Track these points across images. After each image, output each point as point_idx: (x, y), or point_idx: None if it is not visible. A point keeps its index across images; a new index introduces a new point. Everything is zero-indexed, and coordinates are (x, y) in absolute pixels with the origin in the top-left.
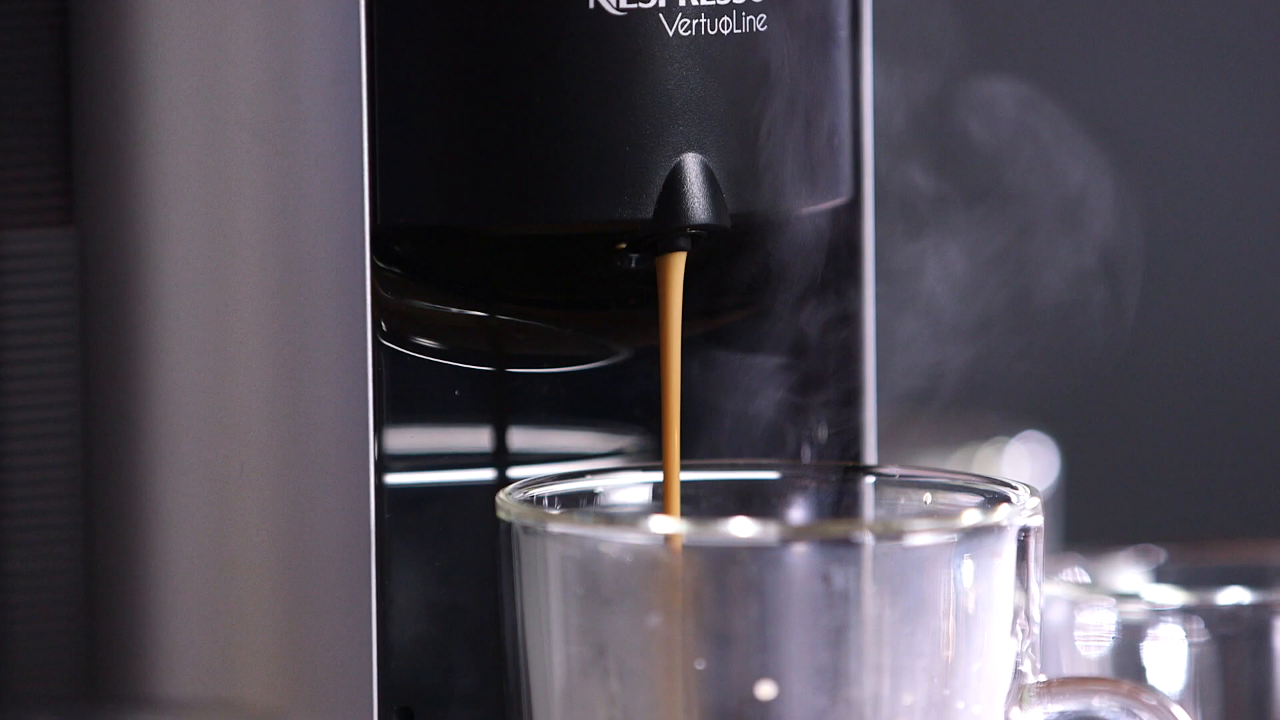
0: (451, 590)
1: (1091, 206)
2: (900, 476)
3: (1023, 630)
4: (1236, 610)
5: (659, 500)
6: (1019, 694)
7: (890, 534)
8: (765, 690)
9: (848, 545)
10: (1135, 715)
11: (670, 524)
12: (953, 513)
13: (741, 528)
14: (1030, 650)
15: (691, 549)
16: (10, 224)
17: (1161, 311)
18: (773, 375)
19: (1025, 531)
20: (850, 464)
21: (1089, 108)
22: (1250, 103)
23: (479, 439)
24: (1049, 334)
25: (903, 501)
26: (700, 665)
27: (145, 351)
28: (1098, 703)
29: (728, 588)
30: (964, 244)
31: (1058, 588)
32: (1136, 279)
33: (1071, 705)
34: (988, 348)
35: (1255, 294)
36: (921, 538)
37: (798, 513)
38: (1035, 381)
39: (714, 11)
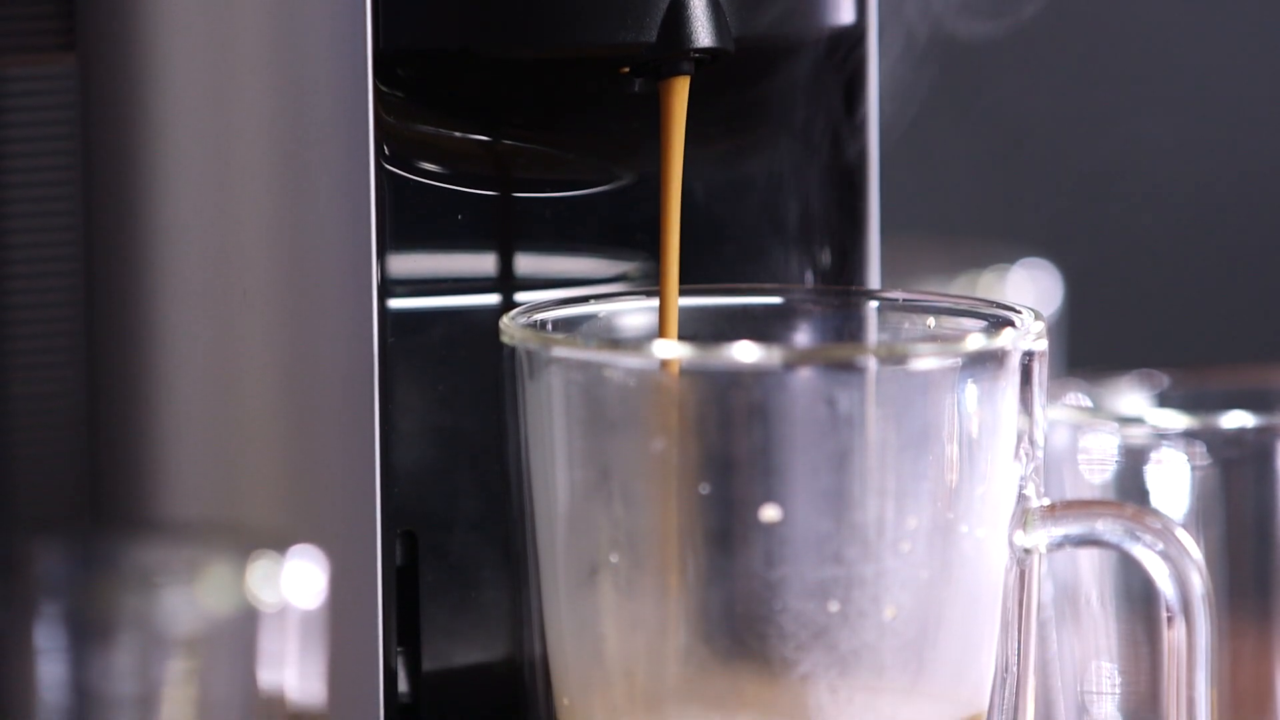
0: (455, 415)
1: (1095, 32)
2: (904, 301)
3: (1026, 454)
4: (1239, 434)
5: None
6: (1023, 518)
7: (894, 358)
8: (769, 514)
9: (851, 369)
10: (1138, 538)
11: (674, 348)
12: (957, 337)
13: (745, 352)
14: (1034, 474)
15: (695, 373)
16: (12, 51)
17: (1166, 136)
18: (776, 200)
19: (1029, 356)
20: (854, 288)
21: None
22: None
23: (482, 264)
24: (1051, 159)
25: (906, 326)
26: (704, 489)
27: (146, 178)
28: (1101, 526)
29: (731, 412)
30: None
31: (1061, 412)
32: (1139, 104)
33: (1075, 529)
34: (990, 174)
35: (1260, 119)
36: (925, 362)
37: (801, 337)
38: (1038, 207)
39: None
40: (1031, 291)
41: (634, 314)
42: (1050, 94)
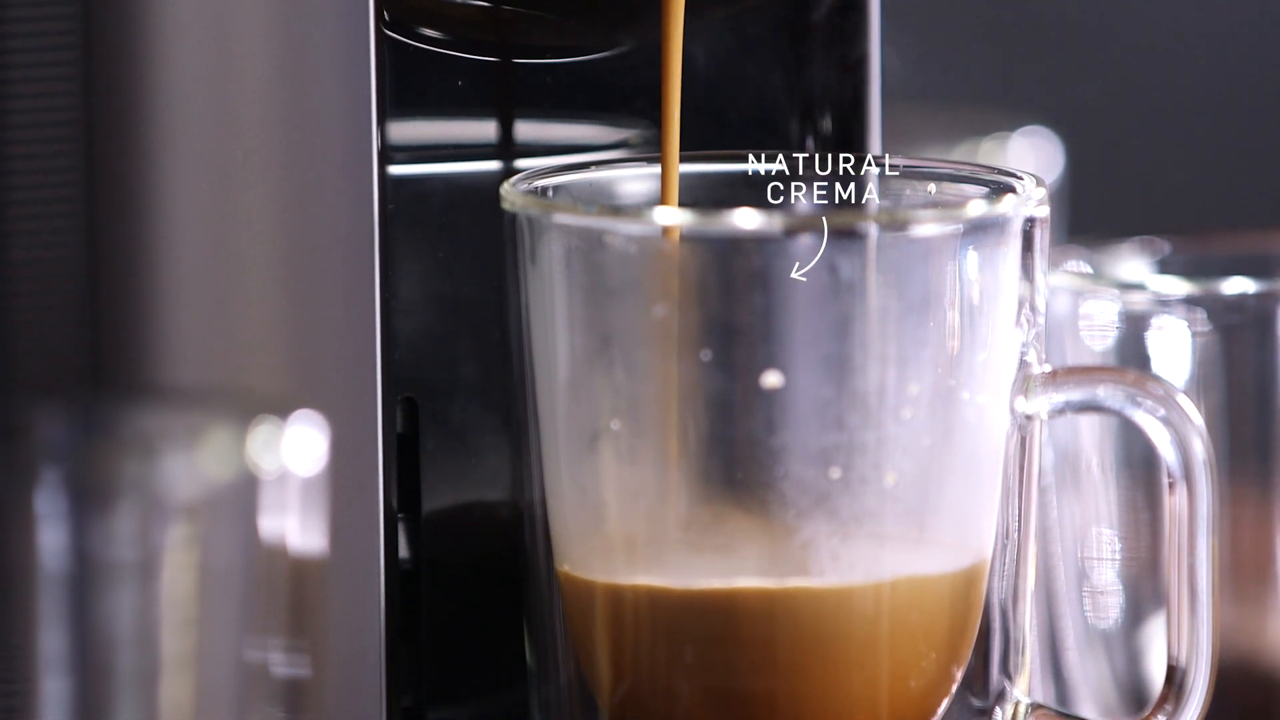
0: (455, 282)
1: None
2: (905, 167)
3: (1028, 321)
4: (1240, 299)
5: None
6: (1024, 384)
7: (896, 224)
8: (770, 380)
9: (853, 236)
10: (1139, 404)
11: (675, 214)
12: (958, 203)
13: (746, 218)
14: (1035, 341)
15: (697, 239)
16: None
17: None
18: (777, 65)
19: (1030, 222)
20: (855, 154)
21: None
22: None
23: (483, 130)
24: (1051, 25)
25: (908, 192)
26: (705, 356)
27: (146, 42)
28: (1102, 392)
29: (732, 278)
30: None
31: (1062, 279)
32: None
33: (1076, 395)
34: (990, 41)
35: None
36: (927, 228)
37: (803, 203)
38: (1038, 74)
39: None
40: (1032, 159)
41: (635, 180)
42: None
